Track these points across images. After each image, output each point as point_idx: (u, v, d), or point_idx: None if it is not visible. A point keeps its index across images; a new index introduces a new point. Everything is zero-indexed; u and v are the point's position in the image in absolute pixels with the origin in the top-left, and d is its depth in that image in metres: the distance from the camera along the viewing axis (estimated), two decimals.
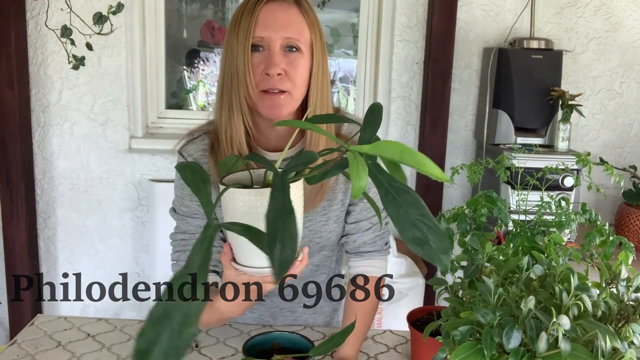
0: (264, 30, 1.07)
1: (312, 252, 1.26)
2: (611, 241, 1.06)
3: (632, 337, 0.77)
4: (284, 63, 1.08)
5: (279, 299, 1.31)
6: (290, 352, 1.02)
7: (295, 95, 1.10)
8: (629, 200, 2.29)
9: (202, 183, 0.70)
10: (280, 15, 1.09)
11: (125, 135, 2.41)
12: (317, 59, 1.12)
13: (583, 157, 1.18)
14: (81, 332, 1.23)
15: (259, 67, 1.08)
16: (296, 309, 1.33)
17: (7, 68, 2.22)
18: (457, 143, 2.51)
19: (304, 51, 1.10)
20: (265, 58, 1.08)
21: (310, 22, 1.12)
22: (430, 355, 0.87)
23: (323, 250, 1.28)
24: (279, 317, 1.32)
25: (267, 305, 1.31)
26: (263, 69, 1.07)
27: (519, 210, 1.15)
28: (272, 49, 1.08)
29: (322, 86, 1.13)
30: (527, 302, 0.76)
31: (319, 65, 1.13)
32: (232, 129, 1.11)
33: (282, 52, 1.08)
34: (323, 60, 1.14)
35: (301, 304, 1.33)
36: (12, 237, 2.35)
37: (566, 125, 2.20)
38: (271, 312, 1.32)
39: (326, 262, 1.33)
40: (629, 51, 2.49)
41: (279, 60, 1.07)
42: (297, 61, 1.09)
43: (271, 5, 1.09)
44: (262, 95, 1.09)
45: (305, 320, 1.34)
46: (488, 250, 0.95)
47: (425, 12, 2.40)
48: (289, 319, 1.33)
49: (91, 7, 2.29)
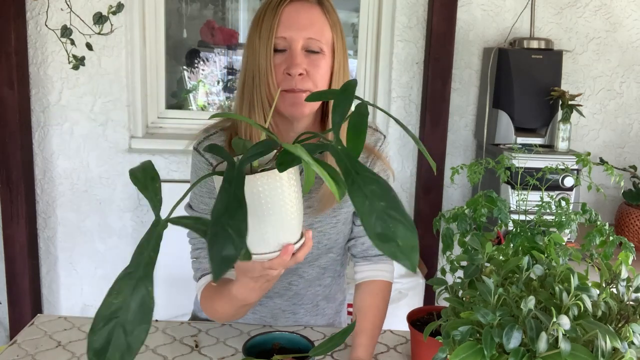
0: (287, 31, 1.08)
1: (319, 254, 1.26)
2: (611, 241, 1.06)
3: (632, 337, 0.77)
4: (306, 63, 1.08)
5: (281, 300, 1.30)
6: (290, 352, 1.02)
7: None
8: (629, 200, 2.29)
9: (150, 180, 0.66)
10: (303, 16, 1.09)
11: (125, 135, 2.41)
12: (338, 58, 1.13)
13: (583, 157, 1.18)
14: (81, 332, 1.23)
15: (281, 67, 1.08)
16: (298, 311, 1.32)
17: (7, 68, 2.22)
18: (457, 143, 2.51)
19: (326, 51, 1.10)
20: (287, 58, 1.08)
21: (332, 22, 1.12)
22: (430, 355, 0.87)
23: (330, 253, 1.28)
24: (281, 318, 1.32)
25: (269, 307, 1.31)
26: (285, 68, 1.08)
27: (519, 210, 1.15)
28: (293, 49, 1.08)
29: None
30: (527, 302, 0.76)
31: (340, 65, 1.13)
32: (251, 127, 1.11)
33: (303, 53, 1.09)
34: (344, 60, 1.14)
35: (303, 305, 1.33)
36: (12, 237, 2.35)
37: (566, 125, 2.20)
38: (273, 314, 1.31)
39: (333, 265, 1.32)
40: (629, 51, 2.49)
41: (301, 60, 1.08)
42: (319, 61, 1.09)
43: (294, 5, 1.09)
44: (283, 93, 1.09)
45: (307, 322, 1.34)
46: (488, 250, 0.95)
47: (425, 12, 2.40)
48: (290, 320, 1.32)
49: (91, 7, 2.29)
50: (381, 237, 0.57)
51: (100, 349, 0.54)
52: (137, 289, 0.57)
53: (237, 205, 0.58)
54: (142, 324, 0.55)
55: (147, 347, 1.17)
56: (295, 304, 1.32)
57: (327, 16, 1.12)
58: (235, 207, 0.58)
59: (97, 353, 0.54)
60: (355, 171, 0.60)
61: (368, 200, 0.58)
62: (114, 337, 0.55)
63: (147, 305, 0.56)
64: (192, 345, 1.18)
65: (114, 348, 0.54)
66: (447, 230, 1.13)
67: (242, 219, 0.57)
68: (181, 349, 1.16)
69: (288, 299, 1.30)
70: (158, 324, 1.27)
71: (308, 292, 1.31)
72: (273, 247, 0.75)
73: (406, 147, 2.50)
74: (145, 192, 0.65)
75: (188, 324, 1.28)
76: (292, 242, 0.77)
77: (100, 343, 0.54)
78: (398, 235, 0.56)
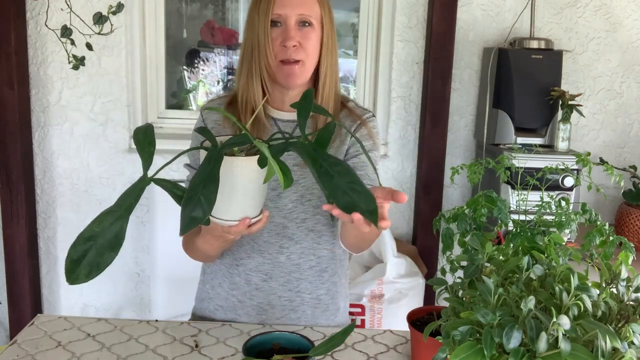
0: (282, 8, 1.26)
1: (305, 214, 1.32)
2: (611, 241, 1.06)
3: (632, 337, 0.77)
4: (299, 36, 1.26)
5: (278, 285, 1.33)
6: (290, 352, 1.02)
7: (308, 64, 1.28)
8: (629, 200, 2.29)
9: (147, 144, 0.79)
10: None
11: (125, 135, 2.41)
12: (326, 30, 1.31)
13: (583, 157, 1.18)
14: (81, 332, 1.23)
15: (277, 40, 1.27)
16: (295, 298, 1.34)
17: (7, 68, 2.22)
18: (457, 143, 2.51)
19: (315, 25, 1.28)
20: (282, 32, 1.27)
21: (320, 0, 1.30)
22: (430, 355, 0.87)
23: (318, 215, 1.32)
24: (277, 306, 1.34)
25: (265, 291, 1.33)
26: (281, 41, 1.26)
27: (519, 210, 1.15)
28: (288, 24, 1.26)
29: (331, 54, 1.32)
30: (527, 302, 0.76)
31: (328, 37, 1.31)
32: (248, 93, 1.30)
33: (296, 27, 1.27)
34: (332, 32, 1.33)
35: (304, 301, 1.34)
36: (12, 237, 2.35)
37: (566, 125, 2.20)
38: (269, 300, 1.34)
39: (326, 235, 1.35)
40: (629, 51, 2.49)
41: (294, 34, 1.26)
42: (310, 34, 1.28)
43: None
44: (280, 65, 1.27)
45: (306, 318, 1.35)
46: (488, 250, 0.95)
47: (425, 12, 2.40)
48: (287, 308, 1.34)
49: (91, 7, 2.29)
50: (348, 205, 0.73)
51: (76, 260, 0.71)
52: (115, 224, 0.73)
53: (212, 180, 0.73)
54: (112, 251, 0.72)
55: (147, 347, 1.17)
56: (292, 290, 1.34)
57: None
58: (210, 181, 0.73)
59: (73, 262, 0.71)
60: (322, 159, 0.76)
61: (334, 179, 0.74)
62: (88, 255, 0.71)
63: (120, 238, 0.72)
64: (192, 345, 1.18)
65: (86, 263, 0.71)
66: (447, 230, 1.13)
67: (212, 191, 0.72)
68: (181, 349, 1.17)
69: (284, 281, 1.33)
70: (158, 324, 1.27)
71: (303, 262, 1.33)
72: (234, 217, 0.92)
73: (406, 147, 2.50)
74: (141, 153, 0.78)
75: (188, 324, 1.28)
76: (250, 217, 0.95)
77: (77, 256, 0.71)
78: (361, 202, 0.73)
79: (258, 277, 1.34)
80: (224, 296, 1.38)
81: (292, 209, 1.32)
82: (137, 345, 1.17)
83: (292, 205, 1.32)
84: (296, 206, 1.32)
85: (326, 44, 1.31)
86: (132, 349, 1.16)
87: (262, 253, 1.33)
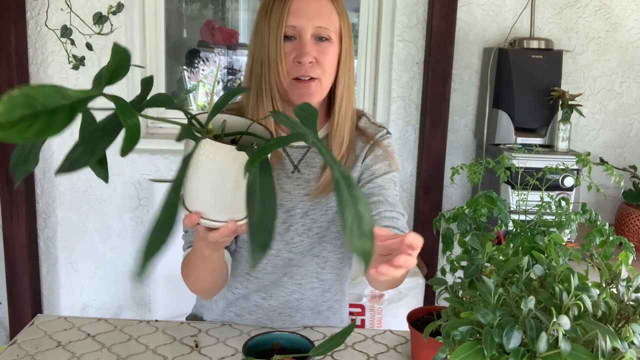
0: (296, 19, 1.11)
1: (312, 243, 1.26)
2: (611, 241, 1.06)
3: (632, 337, 0.77)
4: (315, 51, 1.12)
5: (277, 303, 1.29)
6: (290, 352, 1.02)
7: (324, 82, 1.15)
8: (629, 200, 2.29)
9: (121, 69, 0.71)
10: (312, 4, 1.13)
11: None
12: (345, 46, 1.17)
13: (583, 157, 1.18)
14: (81, 332, 1.23)
15: (291, 55, 1.12)
16: (295, 314, 1.32)
17: (7, 68, 2.22)
18: (457, 143, 2.51)
19: (334, 39, 1.15)
20: (296, 46, 1.12)
21: (340, 10, 1.17)
22: (430, 355, 0.87)
23: (324, 242, 1.27)
24: (277, 321, 1.31)
25: (264, 308, 1.30)
26: (295, 57, 1.12)
27: (519, 210, 1.15)
28: (303, 38, 1.12)
29: (349, 72, 1.19)
30: (527, 302, 0.76)
31: (347, 52, 1.18)
32: (258, 114, 1.15)
33: (312, 41, 1.13)
34: (350, 47, 1.19)
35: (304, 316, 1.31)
36: (12, 237, 2.35)
37: (566, 125, 2.20)
38: (269, 316, 1.31)
39: (332, 261, 1.29)
40: (629, 51, 2.49)
41: (311, 49, 1.12)
42: (327, 49, 1.14)
43: None
44: (294, 83, 1.13)
45: (304, 324, 1.33)
46: (488, 250, 0.95)
47: (425, 12, 2.40)
48: (287, 322, 1.32)
49: (91, 7, 2.29)
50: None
51: None
52: None
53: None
54: None
55: (147, 347, 1.17)
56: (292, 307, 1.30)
57: (335, 4, 1.16)
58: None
59: None
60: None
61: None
62: None
63: None
64: (192, 345, 1.18)
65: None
66: (447, 230, 1.13)
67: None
68: (181, 349, 1.16)
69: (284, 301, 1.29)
70: (158, 324, 1.27)
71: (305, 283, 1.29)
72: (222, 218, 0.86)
73: (406, 147, 2.50)
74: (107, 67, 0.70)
75: (188, 324, 1.28)
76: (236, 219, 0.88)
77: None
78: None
79: (257, 296, 1.29)
80: (221, 309, 1.34)
81: (298, 242, 1.25)
82: (137, 345, 1.17)
83: (299, 238, 1.25)
84: (303, 240, 1.25)
85: (344, 60, 1.17)
86: (132, 349, 1.16)
87: (261, 281, 1.28)
